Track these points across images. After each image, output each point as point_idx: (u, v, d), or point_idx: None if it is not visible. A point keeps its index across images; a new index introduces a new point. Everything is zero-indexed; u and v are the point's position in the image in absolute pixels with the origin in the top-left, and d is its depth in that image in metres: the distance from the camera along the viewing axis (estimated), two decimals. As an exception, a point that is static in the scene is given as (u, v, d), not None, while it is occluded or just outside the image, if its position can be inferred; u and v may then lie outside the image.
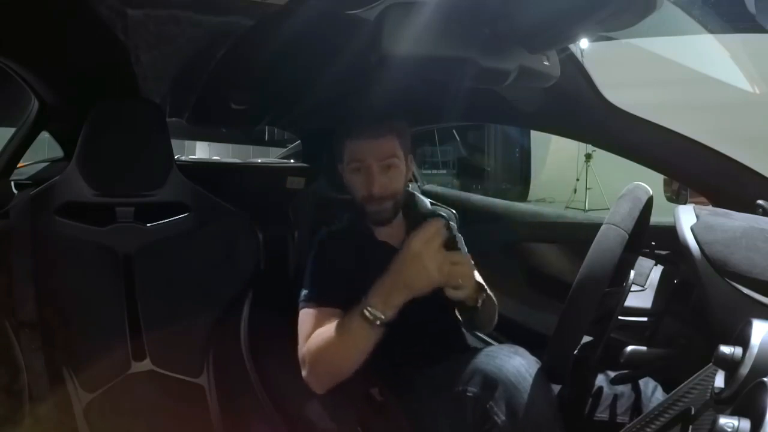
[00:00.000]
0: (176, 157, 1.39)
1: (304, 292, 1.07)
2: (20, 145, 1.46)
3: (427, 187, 2.19)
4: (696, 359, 0.68)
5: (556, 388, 1.02)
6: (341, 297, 1.04)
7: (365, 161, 1.10)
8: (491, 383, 0.87)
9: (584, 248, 0.78)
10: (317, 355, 0.97)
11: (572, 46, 1.01)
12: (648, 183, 0.89)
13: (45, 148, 1.78)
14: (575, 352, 0.82)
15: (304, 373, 0.99)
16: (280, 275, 1.40)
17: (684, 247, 0.77)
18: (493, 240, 1.67)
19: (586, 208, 6.79)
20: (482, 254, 1.25)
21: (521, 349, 0.94)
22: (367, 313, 0.90)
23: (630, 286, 0.90)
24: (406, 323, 1.04)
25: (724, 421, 0.49)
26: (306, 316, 1.03)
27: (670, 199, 1.26)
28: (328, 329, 0.96)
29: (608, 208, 0.85)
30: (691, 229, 0.78)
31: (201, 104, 1.56)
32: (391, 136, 1.11)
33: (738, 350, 0.58)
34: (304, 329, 1.02)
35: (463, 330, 1.37)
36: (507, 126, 8.15)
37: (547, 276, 1.57)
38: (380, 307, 0.91)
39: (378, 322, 0.90)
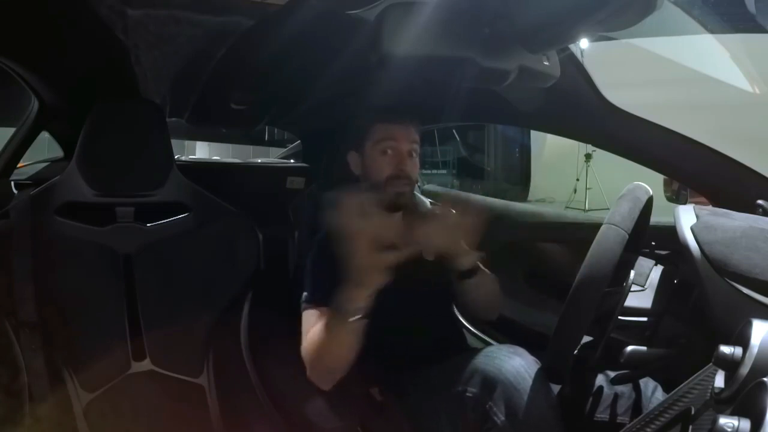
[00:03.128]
0: (176, 157, 1.39)
1: (305, 293, 1.07)
2: (20, 145, 1.46)
3: (427, 187, 2.19)
4: (696, 359, 0.68)
5: (556, 388, 1.02)
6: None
7: (396, 142, 1.14)
8: (491, 384, 0.88)
9: (584, 248, 0.78)
10: (312, 355, 0.97)
11: (572, 46, 1.01)
12: (648, 183, 0.89)
13: (45, 148, 1.78)
14: (575, 352, 0.82)
15: (307, 372, 0.99)
16: (280, 275, 1.40)
17: (684, 247, 0.77)
18: (493, 240, 1.66)
19: (586, 208, 6.79)
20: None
21: (521, 350, 0.95)
22: (339, 311, 0.89)
23: (630, 286, 0.90)
24: (406, 324, 1.05)
25: (724, 421, 0.49)
26: (308, 317, 1.03)
27: (670, 199, 1.26)
28: (316, 330, 0.97)
29: (608, 208, 0.85)
30: (691, 229, 0.78)
31: (201, 104, 1.56)
32: (414, 125, 1.17)
33: (738, 350, 0.58)
34: (305, 330, 1.02)
35: (463, 330, 1.37)
36: (507, 126, 8.15)
37: (547, 276, 1.57)
38: (349, 304, 0.88)
39: (352, 319, 0.88)
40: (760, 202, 0.99)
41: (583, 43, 1.04)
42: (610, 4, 0.65)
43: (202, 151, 7.04)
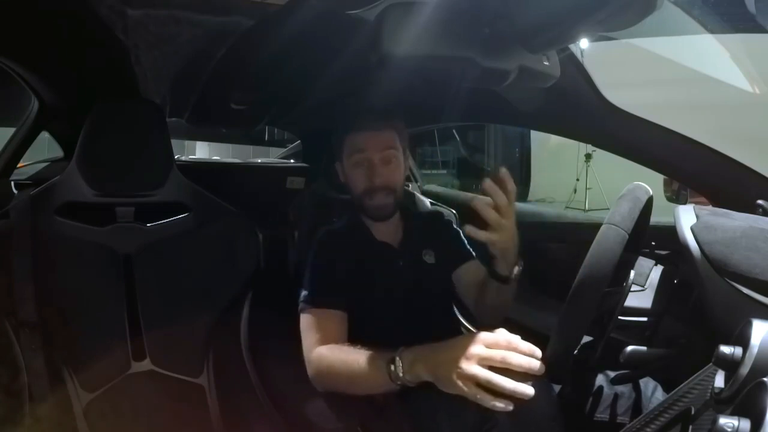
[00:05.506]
0: (176, 157, 1.39)
1: (303, 292, 1.07)
2: (20, 145, 1.46)
3: (427, 187, 2.19)
4: (696, 359, 0.68)
5: (556, 388, 1.02)
6: (341, 298, 1.05)
7: (366, 152, 1.11)
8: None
9: (584, 248, 0.78)
10: (331, 369, 0.96)
11: (572, 46, 1.01)
12: (648, 183, 0.89)
13: (45, 148, 1.78)
14: (575, 352, 0.82)
15: (310, 372, 0.99)
16: (280, 275, 1.40)
17: (684, 247, 0.77)
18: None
19: (586, 208, 6.79)
20: (482, 254, 1.25)
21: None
22: (392, 366, 0.85)
23: (630, 286, 0.90)
24: (406, 325, 1.04)
25: (724, 421, 0.49)
26: (308, 317, 1.03)
27: (670, 199, 1.26)
28: (352, 352, 0.94)
29: (608, 208, 0.85)
30: (691, 229, 0.78)
31: (201, 104, 1.56)
32: (389, 130, 1.13)
33: (738, 350, 0.58)
34: (309, 331, 1.02)
35: (463, 331, 1.37)
36: (507, 126, 8.15)
37: (547, 276, 1.57)
38: (405, 367, 0.84)
39: (399, 382, 0.85)
40: (760, 202, 0.99)
41: (583, 43, 1.04)
42: (610, 4, 0.65)
43: (202, 151, 7.03)
